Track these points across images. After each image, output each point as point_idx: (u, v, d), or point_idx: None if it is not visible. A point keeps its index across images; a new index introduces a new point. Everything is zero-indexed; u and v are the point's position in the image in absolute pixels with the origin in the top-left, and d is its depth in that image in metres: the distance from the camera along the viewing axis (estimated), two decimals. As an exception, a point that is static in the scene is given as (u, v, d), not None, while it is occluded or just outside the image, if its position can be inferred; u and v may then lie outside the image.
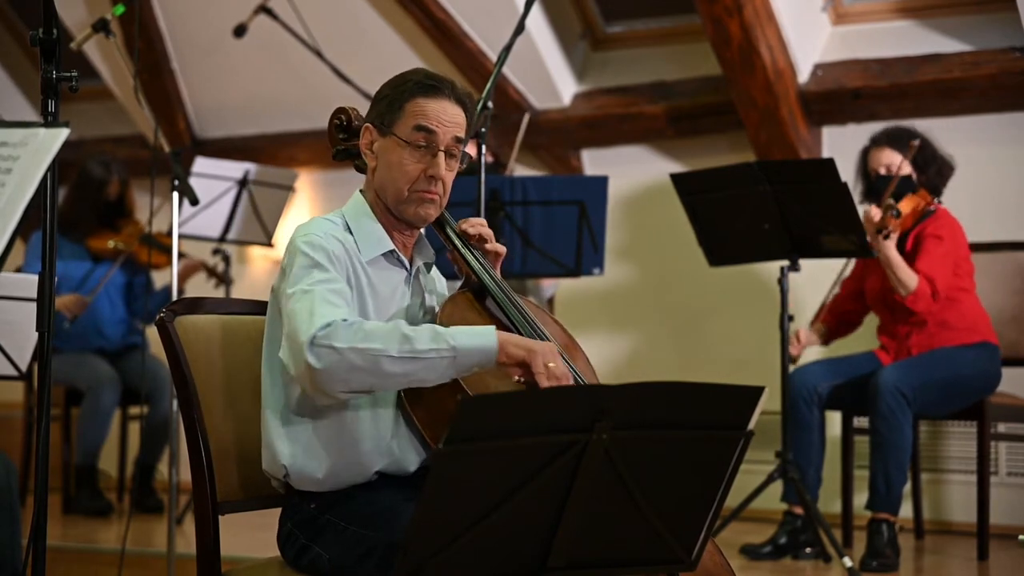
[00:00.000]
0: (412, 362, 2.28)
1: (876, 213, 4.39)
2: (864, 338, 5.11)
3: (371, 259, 2.51)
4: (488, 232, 2.64)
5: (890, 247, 4.40)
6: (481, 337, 2.31)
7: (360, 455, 2.44)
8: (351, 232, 2.52)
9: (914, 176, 4.57)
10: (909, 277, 4.43)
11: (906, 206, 4.43)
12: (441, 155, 2.49)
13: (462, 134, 2.53)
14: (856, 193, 4.67)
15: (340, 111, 2.64)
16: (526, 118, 5.27)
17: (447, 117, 2.50)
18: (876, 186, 4.60)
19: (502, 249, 2.66)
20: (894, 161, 4.56)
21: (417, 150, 2.49)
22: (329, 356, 2.27)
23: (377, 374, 2.29)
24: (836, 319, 4.86)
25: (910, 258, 4.51)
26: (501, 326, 2.54)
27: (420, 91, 2.50)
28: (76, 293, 5.57)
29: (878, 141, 4.65)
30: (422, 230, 2.64)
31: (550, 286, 5.45)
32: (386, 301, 2.51)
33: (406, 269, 2.57)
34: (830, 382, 4.59)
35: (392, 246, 2.53)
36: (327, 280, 2.39)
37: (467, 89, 2.58)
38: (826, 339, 4.87)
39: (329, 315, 2.31)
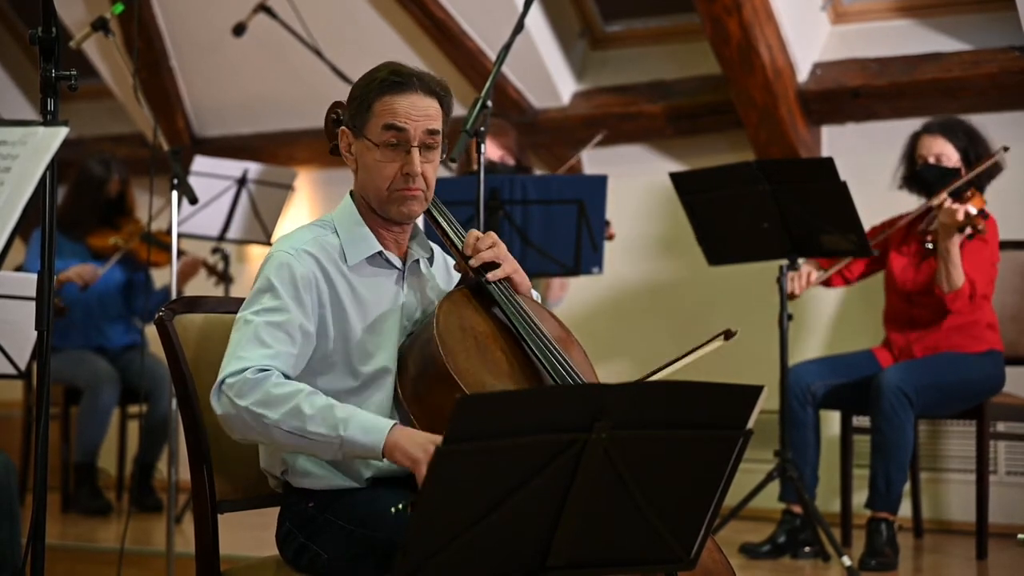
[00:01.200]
0: (299, 439, 2.30)
1: (960, 212, 4.28)
2: (862, 336, 5.11)
3: (356, 264, 2.50)
4: (491, 255, 2.56)
5: (956, 243, 4.37)
6: (372, 434, 2.28)
7: (352, 460, 2.44)
8: (339, 237, 2.51)
9: (963, 171, 4.54)
10: (959, 276, 4.39)
11: (978, 204, 4.37)
12: (415, 151, 2.46)
13: (436, 125, 2.49)
14: (895, 177, 4.66)
15: (337, 105, 2.64)
16: (600, 136, 5.28)
17: (416, 111, 2.47)
18: (922, 174, 4.56)
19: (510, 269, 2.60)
20: (945, 151, 4.55)
21: (390, 149, 2.47)
22: (228, 407, 2.32)
23: (268, 438, 2.34)
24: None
25: None
26: (498, 323, 2.55)
27: (387, 89, 2.47)
28: (90, 264, 5.59)
29: (931, 129, 4.59)
30: (419, 224, 2.64)
31: (555, 303, 5.44)
32: (373, 306, 2.50)
33: (397, 268, 2.56)
34: (826, 381, 4.58)
35: (379, 248, 2.52)
36: (272, 310, 2.38)
37: (438, 77, 2.53)
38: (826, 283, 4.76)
39: (249, 358, 2.33)
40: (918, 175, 4.59)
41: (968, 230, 4.32)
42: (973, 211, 4.30)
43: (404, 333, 2.53)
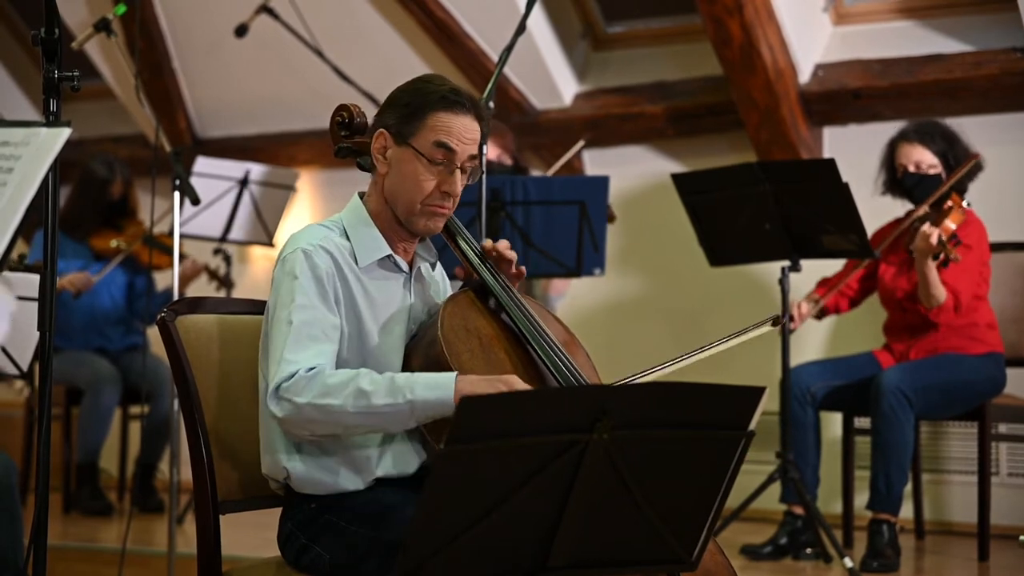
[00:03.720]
0: (369, 416, 2.31)
1: (934, 237, 4.24)
2: (863, 338, 5.11)
3: (367, 266, 2.50)
4: (512, 255, 2.62)
5: (932, 265, 4.34)
6: (439, 389, 2.29)
7: (357, 461, 2.45)
8: (348, 239, 2.51)
9: (943, 175, 4.54)
10: (940, 292, 4.38)
11: (956, 220, 4.35)
12: (458, 173, 2.48)
13: (476, 150, 2.53)
14: (877, 184, 4.66)
15: (342, 108, 2.64)
16: (579, 144, 5.25)
17: (468, 135, 2.49)
18: (905, 184, 4.56)
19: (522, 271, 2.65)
20: (924, 158, 4.54)
21: (435, 166, 2.48)
22: (289, 408, 2.33)
23: (337, 425, 2.34)
24: (836, 296, 4.77)
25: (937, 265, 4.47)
26: (502, 324, 2.55)
27: (444, 105, 2.48)
28: (84, 271, 5.59)
29: (908, 136, 4.58)
30: None
31: (557, 296, 5.44)
32: (383, 307, 2.51)
33: (404, 272, 2.56)
34: (827, 382, 4.58)
35: (389, 251, 2.53)
36: (304, 308, 2.39)
37: (479, 97, 2.58)
38: (821, 315, 4.79)
39: (296, 361, 2.34)
40: (900, 184, 4.59)
41: (941, 256, 4.29)
42: (944, 237, 4.27)
43: (411, 337, 2.53)
